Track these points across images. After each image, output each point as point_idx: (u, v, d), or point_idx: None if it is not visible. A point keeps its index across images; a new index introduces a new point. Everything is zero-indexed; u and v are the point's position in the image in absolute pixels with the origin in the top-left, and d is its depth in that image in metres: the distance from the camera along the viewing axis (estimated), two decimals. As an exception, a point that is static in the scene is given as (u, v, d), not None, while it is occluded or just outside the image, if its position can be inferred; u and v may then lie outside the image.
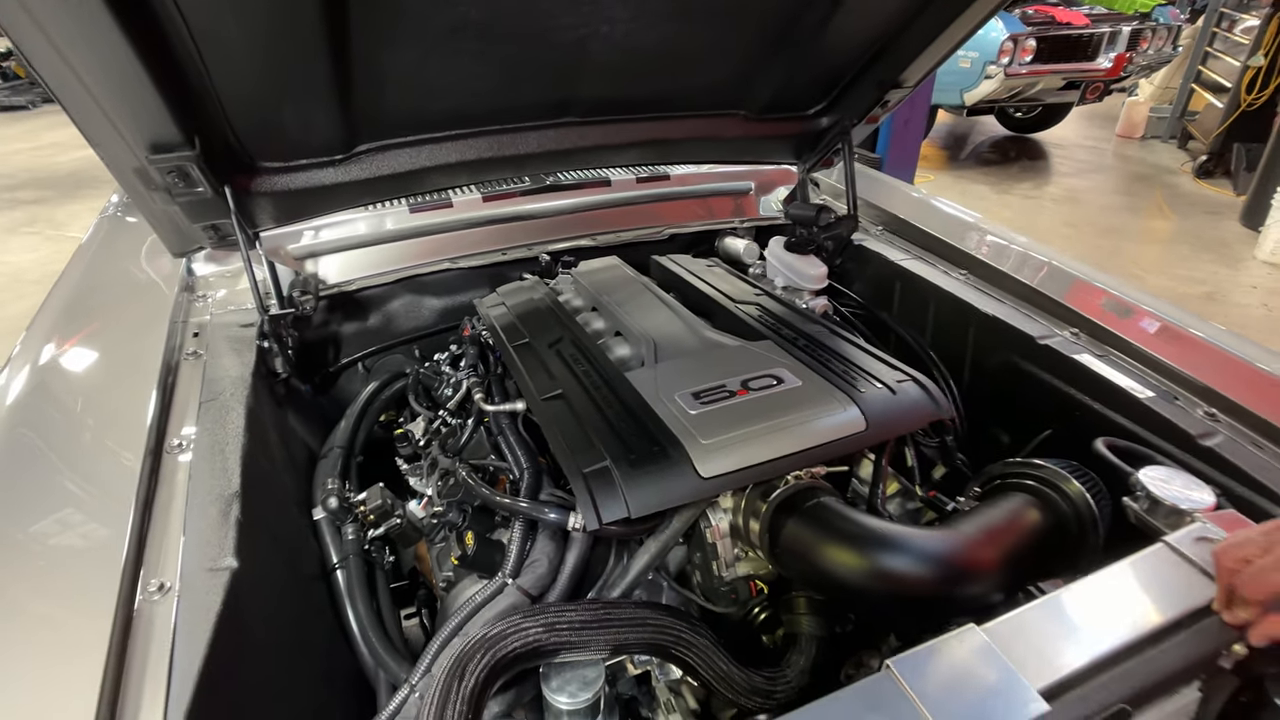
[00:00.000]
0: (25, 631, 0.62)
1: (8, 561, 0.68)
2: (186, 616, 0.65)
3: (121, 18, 0.68)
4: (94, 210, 4.69)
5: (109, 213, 1.48)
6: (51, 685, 0.57)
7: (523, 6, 0.89)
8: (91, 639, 0.61)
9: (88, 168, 5.31)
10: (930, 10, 1.10)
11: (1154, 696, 0.60)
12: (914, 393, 0.87)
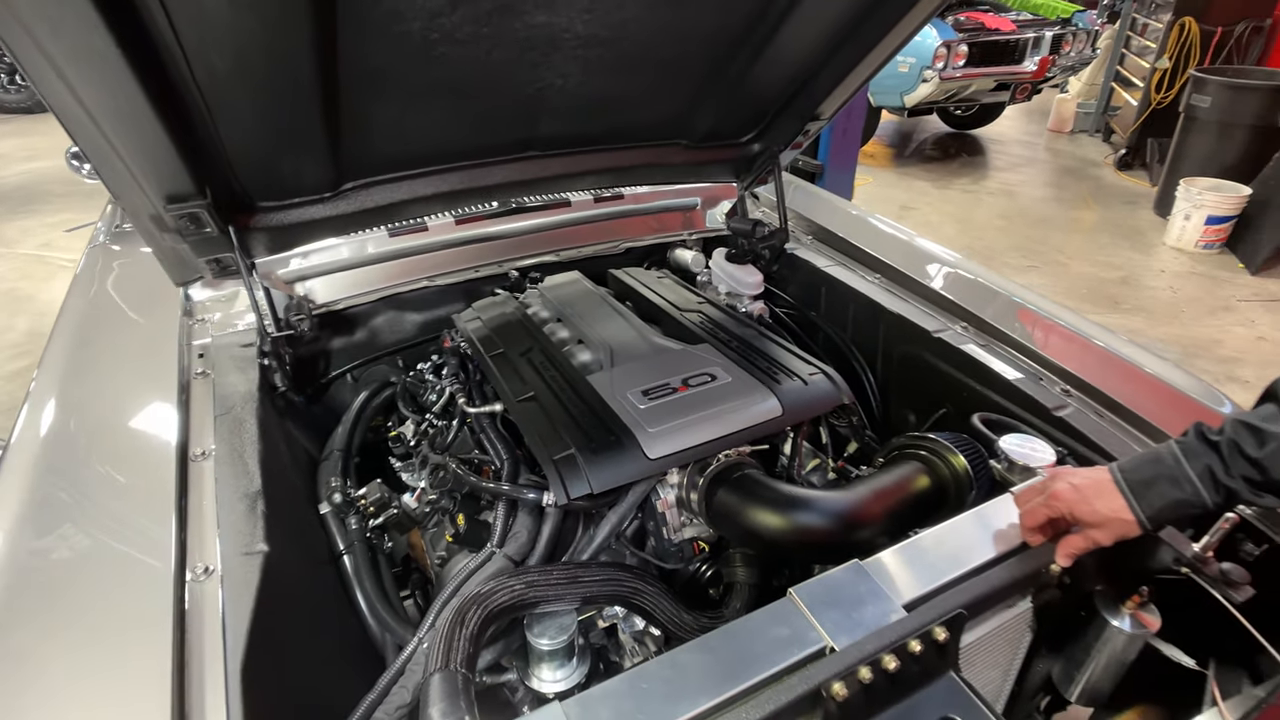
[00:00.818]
0: (104, 610, 0.76)
1: (80, 555, 0.81)
2: (231, 593, 0.80)
3: (145, 84, 0.82)
4: (46, 225, 4.63)
5: (99, 242, 1.58)
6: (132, 647, 0.72)
7: (488, 69, 1.05)
8: (156, 613, 0.75)
9: (36, 181, 5.24)
10: (838, 57, 1.28)
11: (990, 604, 0.79)
12: (823, 383, 1.06)
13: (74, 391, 1.09)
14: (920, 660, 0.73)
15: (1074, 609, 0.96)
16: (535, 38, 1.00)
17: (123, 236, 1.57)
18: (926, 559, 0.82)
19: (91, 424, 1.03)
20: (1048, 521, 0.81)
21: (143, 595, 0.77)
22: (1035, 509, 0.82)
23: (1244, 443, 0.70)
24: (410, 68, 1.00)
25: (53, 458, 0.95)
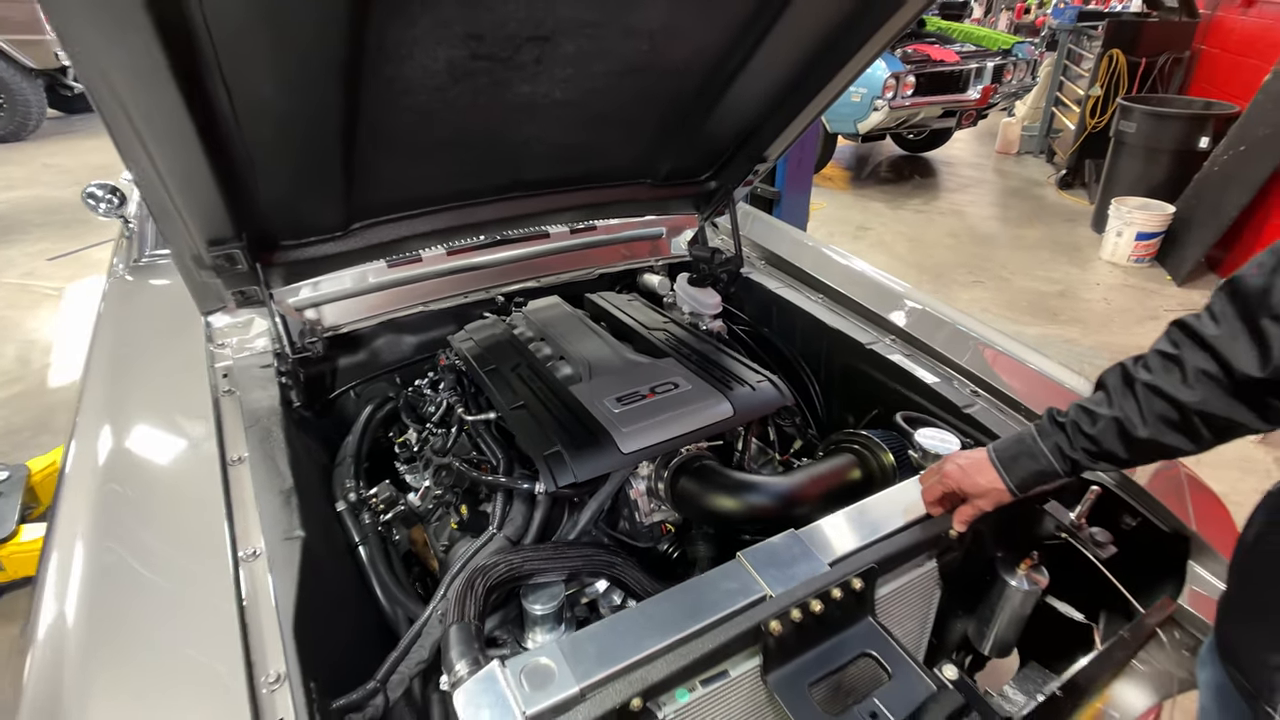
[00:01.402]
0: (181, 579, 0.91)
1: (155, 541, 0.97)
2: (277, 570, 0.95)
3: (207, 149, 0.98)
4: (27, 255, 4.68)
5: (119, 275, 1.72)
6: (206, 610, 0.88)
7: (480, 128, 1.24)
8: (221, 584, 0.91)
9: (14, 211, 5.28)
10: (779, 112, 1.49)
11: (900, 561, 0.99)
12: (768, 389, 1.26)
13: (120, 410, 1.23)
14: (842, 606, 0.91)
15: (980, 574, 1.17)
16: (520, 103, 1.19)
17: (139, 270, 1.71)
18: (849, 527, 1.01)
19: (141, 437, 1.17)
20: (943, 495, 1.01)
21: (208, 572, 0.92)
22: (932, 486, 1.02)
23: (1082, 423, 0.90)
24: (416, 128, 1.18)
25: (113, 467, 1.10)
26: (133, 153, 0.90)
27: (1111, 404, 0.86)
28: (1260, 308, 0.73)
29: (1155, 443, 0.83)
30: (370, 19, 0.88)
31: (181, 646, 0.83)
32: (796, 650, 0.89)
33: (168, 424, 1.20)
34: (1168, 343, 0.82)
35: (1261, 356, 0.73)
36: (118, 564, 0.93)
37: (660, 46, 1.17)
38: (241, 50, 0.83)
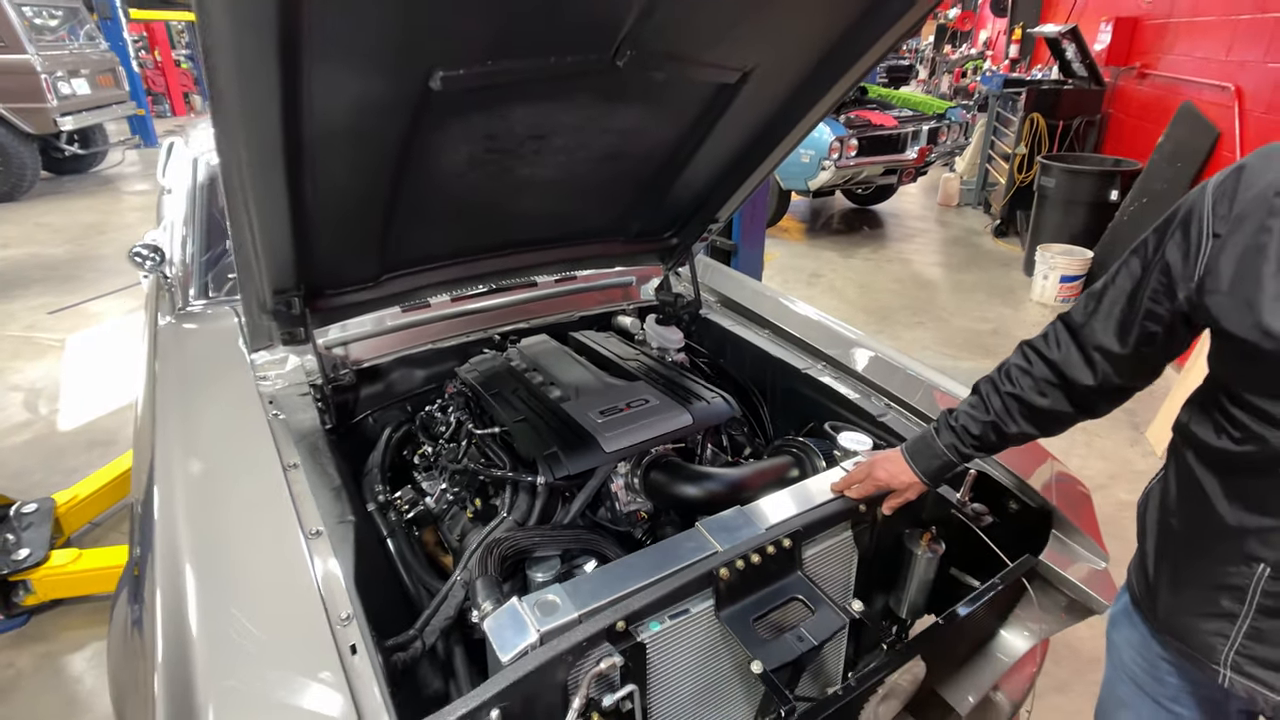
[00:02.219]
0: (266, 549, 1.17)
1: (240, 523, 1.22)
2: (336, 543, 1.21)
3: (294, 215, 1.27)
4: (29, 309, 4.88)
5: (166, 323, 1.98)
6: (290, 569, 1.13)
7: (487, 200, 1.56)
8: (296, 552, 1.16)
9: (12, 268, 5.45)
10: (727, 183, 1.84)
11: (820, 528, 1.28)
12: (721, 404, 1.58)
13: (195, 430, 1.48)
14: (776, 560, 1.20)
15: (892, 552, 1.47)
16: (519, 181, 1.52)
17: (184, 317, 1.98)
18: (782, 504, 1.30)
19: (216, 449, 1.43)
20: (874, 491, 1.30)
21: (286, 544, 1.18)
22: (866, 485, 1.30)
23: (969, 425, 1.18)
24: (438, 202, 1.49)
25: (197, 470, 1.35)
26: (238, 220, 1.19)
27: (988, 410, 1.15)
28: (1085, 339, 1.04)
29: (1021, 435, 1.14)
30: (420, 131, 1.20)
31: (273, 596, 1.09)
32: (742, 594, 1.18)
33: (235, 439, 1.46)
34: (1023, 359, 1.11)
35: (1092, 374, 1.02)
36: (215, 537, 1.19)
37: (630, 140, 1.51)
38: (331, 150, 1.14)
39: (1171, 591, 1.00)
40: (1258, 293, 0.76)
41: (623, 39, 1.15)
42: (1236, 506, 0.86)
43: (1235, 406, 0.85)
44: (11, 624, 2.15)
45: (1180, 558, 0.99)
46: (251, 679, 0.97)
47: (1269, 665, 0.87)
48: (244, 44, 0.84)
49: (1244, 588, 0.87)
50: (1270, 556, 0.83)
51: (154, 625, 1.05)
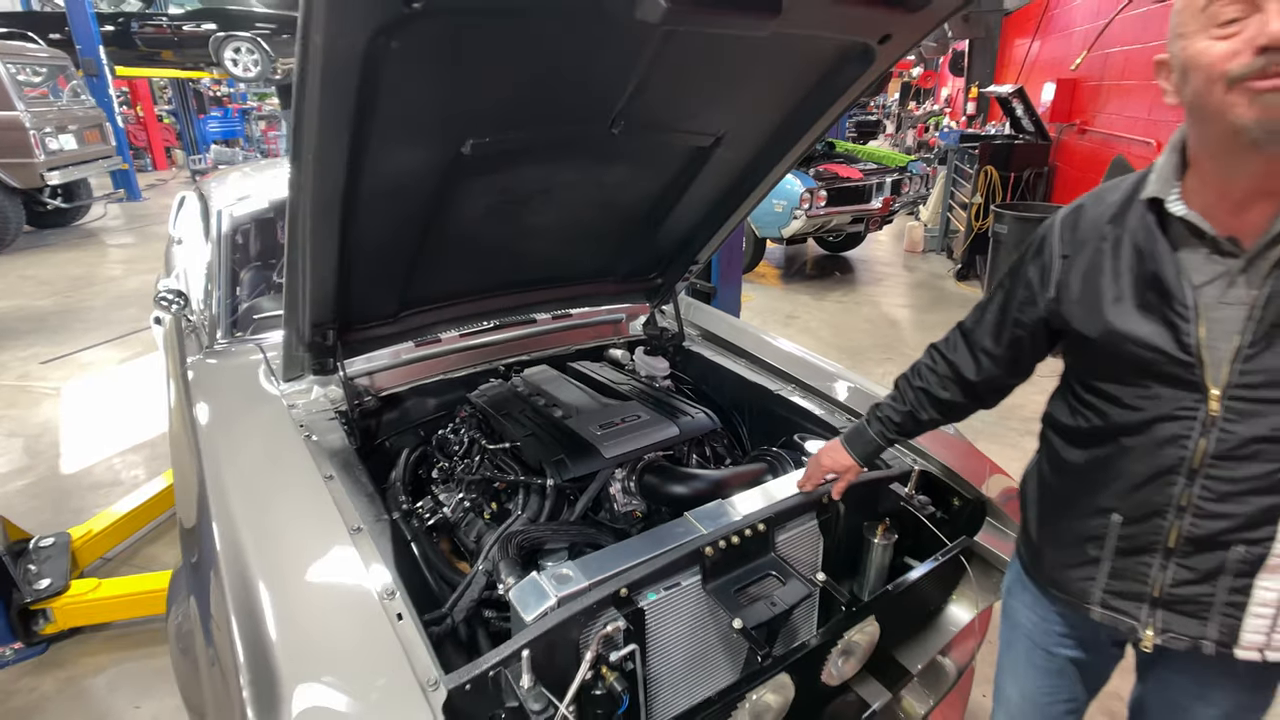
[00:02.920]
0: (318, 540, 1.35)
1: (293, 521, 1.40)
2: (375, 537, 1.40)
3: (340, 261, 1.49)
4: (19, 359, 5.02)
5: (196, 359, 2.17)
6: (339, 556, 1.31)
7: (496, 245, 1.80)
8: (343, 542, 1.35)
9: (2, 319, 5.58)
10: (703, 231, 2.11)
11: (789, 517, 1.49)
12: (703, 419, 1.81)
13: (241, 451, 1.67)
14: (753, 542, 1.41)
15: (853, 545, 1.68)
16: (525, 229, 1.77)
17: (213, 355, 2.17)
18: (757, 498, 1.52)
19: (263, 465, 1.61)
20: (823, 477, 1.52)
21: (333, 536, 1.37)
22: (814, 473, 1.53)
23: (891, 415, 1.43)
24: (455, 247, 1.73)
25: (248, 483, 1.53)
26: (295, 259, 1.41)
27: (904, 402, 1.40)
28: (973, 342, 1.31)
29: (931, 421, 1.38)
30: (448, 186, 1.45)
31: (328, 580, 1.28)
32: (724, 570, 1.38)
33: (276, 456, 1.65)
34: (929, 359, 1.37)
35: (978, 370, 1.28)
36: (271, 538, 1.37)
37: (620, 193, 1.78)
38: (377, 202, 1.37)
39: (1051, 551, 1.18)
40: (1099, 299, 1.01)
41: (618, 113, 1.42)
42: (1091, 471, 1.08)
43: (1086, 393, 1.08)
44: (32, 652, 2.26)
45: (1054, 521, 1.17)
46: (320, 647, 1.15)
47: (1127, 597, 1.08)
48: (327, 119, 1.08)
49: (1103, 536, 1.08)
50: (1120, 507, 1.05)
51: (227, 615, 1.21)
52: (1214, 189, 0.92)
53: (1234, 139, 0.84)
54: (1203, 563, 1.00)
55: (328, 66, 0.96)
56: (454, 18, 1.01)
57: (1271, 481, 0.93)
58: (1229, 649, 1.02)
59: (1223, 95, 0.82)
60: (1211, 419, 0.94)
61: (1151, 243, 0.97)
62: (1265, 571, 0.97)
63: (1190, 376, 0.95)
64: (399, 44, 1.00)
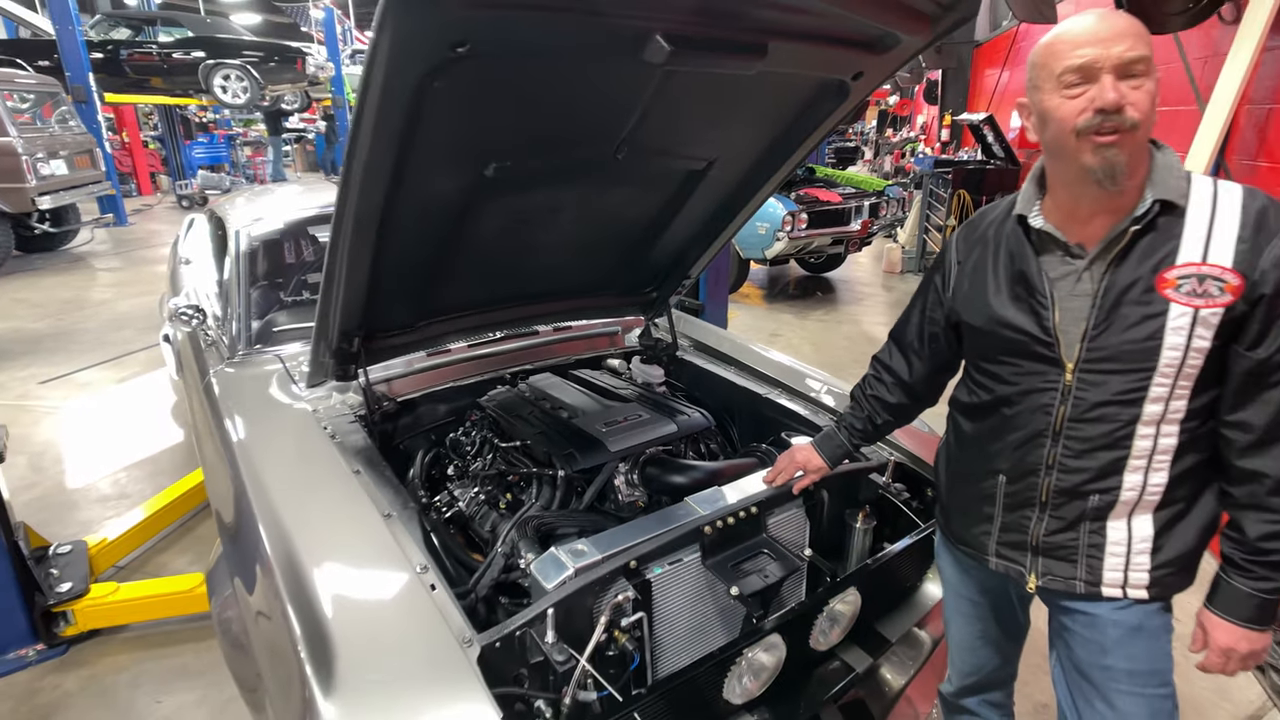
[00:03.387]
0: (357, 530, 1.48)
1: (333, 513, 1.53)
2: (405, 523, 1.53)
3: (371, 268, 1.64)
4: (18, 380, 5.11)
5: (219, 369, 2.30)
6: (375, 540, 1.45)
7: (508, 261, 1.96)
8: (378, 527, 1.48)
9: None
10: (696, 245, 2.29)
11: (777, 503, 1.65)
12: (699, 417, 1.97)
13: (275, 451, 1.80)
14: (746, 523, 1.57)
15: (837, 531, 1.84)
16: (533, 245, 1.93)
17: (235, 365, 2.30)
18: (749, 485, 1.68)
19: (294, 464, 1.75)
20: (794, 471, 1.67)
21: (368, 522, 1.50)
22: (788, 468, 1.66)
23: (855, 422, 1.60)
24: (470, 260, 1.88)
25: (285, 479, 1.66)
26: (333, 271, 1.56)
27: (862, 410, 1.56)
28: (903, 346, 1.48)
29: (887, 425, 1.56)
30: (470, 205, 1.61)
31: (367, 560, 1.41)
32: (721, 548, 1.53)
33: (307, 453, 1.79)
34: (874, 369, 1.54)
35: (909, 370, 1.46)
36: (311, 525, 1.50)
37: (621, 212, 1.95)
38: (408, 219, 1.52)
39: (957, 513, 1.38)
40: (984, 293, 1.22)
41: (622, 140, 1.59)
42: (982, 440, 1.28)
43: (977, 374, 1.29)
44: (53, 653, 2.34)
45: (958, 487, 1.37)
46: (366, 616, 1.28)
47: (1015, 546, 1.27)
48: (377, 143, 1.24)
49: (994, 495, 1.27)
50: (1004, 468, 1.24)
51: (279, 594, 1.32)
52: (1065, 208, 1.14)
53: (1082, 175, 1.06)
54: (1068, 512, 1.20)
55: (384, 99, 1.13)
56: (488, 60, 1.18)
57: (1114, 439, 1.13)
58: (1097, 588, 1.20)
59: (1074, 143, 1.05)
60: (1068, 388, 1.15)
61: (1020, 248, 1.18)
62: (1114, 517, 1.17)
63: (1051, 354, 1.16)
64: (441, 83, 1.17)
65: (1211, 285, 1.04)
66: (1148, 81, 1.03)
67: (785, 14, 1.25)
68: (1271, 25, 2.77)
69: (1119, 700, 1.24)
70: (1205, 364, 1.08)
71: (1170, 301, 1.06)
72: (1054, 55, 1.05)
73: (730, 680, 1.37)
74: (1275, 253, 1.03)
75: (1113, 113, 1.01)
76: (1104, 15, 1.05)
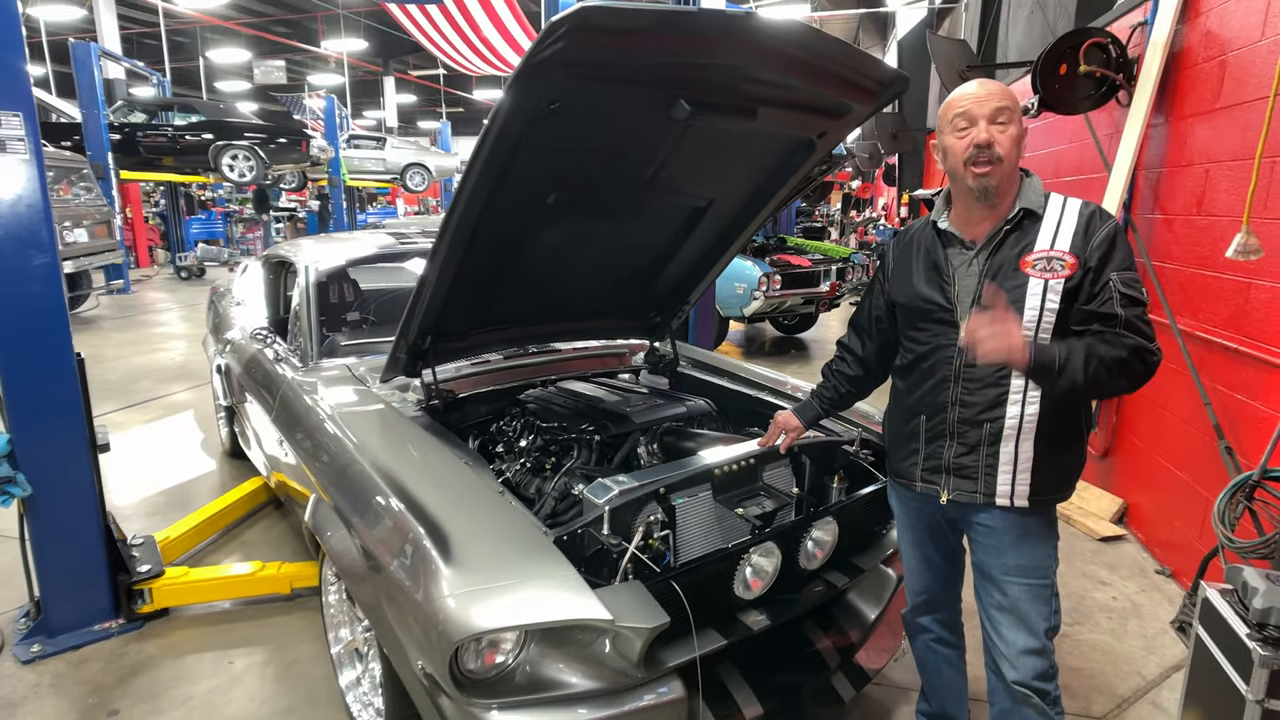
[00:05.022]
0: (449, 470, 1.89)
1: (433, 463, 1.94)
2: (480, 469, 1.95)
3: (451, 284, 2.11)
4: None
5: (297, 376, 2.71)
6: (462, 476, 1.86)
7: (543, 282, 2.44)
8: (464, 471, 1.90)
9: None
10: (694, 275, 2.80)
11: (768, 459, 2.08)
12: (703, 404, 2.43)
13: (368, 430, 2.21)
14: (746, 471, 2.00)
15: (819, 490, 2.27)
16: (563, 270, 2.41)
17: (311, 371, 2.72)
18: (746, 445, 2.12)
19: (390, 435, 2.16)
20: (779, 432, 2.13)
21: (453, 464, 1.91)
22: (774, 430, 2.12)
23: (825, 392, 2.06)
24: (516, 280, 2.35)
25: (386, 446, 2.07)
26: (425, 280, 2.01)
27: (829, 384, 2.02)
28: (860, 329, 1.96)
29: (850, 395, 2.01)
30: (528, 231, 2.10)
31: (460, 484, 1.82)
32: (728, 488, 1.96)
33: (394, 425, 2.20)
34: (839, 350, 2.01)
35: (862, 348, 1.92)
36: (419, 465, 1.91)
37: (635, 243, 2.46)
38: (484, 240, 2.01)
39: (895, 452, 1.77)
40: (910, 278, 1.69)
41: (646, 180, 2.12)
42: (910, 391, 1.68)
43: (905, 340, 1.70)
44: (131, 627, 2.62)
45: (896, 432, 1.76)
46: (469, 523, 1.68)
47: (934, 470, 1.68)
48: (484, 173, 1.73)
49: (918, 433, 1.70)
50: (924, 409, 1.67)
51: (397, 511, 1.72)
52: (962, 216, 1.62)
53: (968, 192, 1.54)
54: (969, 439, 1.62)
55: (498, 139, 1.63)
56: (566, 115, 1.70)
57: (995, 378, 1.55)
58: (991, 499, 1.62)
59: (962, 169, 1.52)
60: None
61: (933, 244, 1.67)
62: (1004, 442, 1.57)
63: (951, 318, 1.60)
64: (533, 131, 1.69)
65: (1056, 264, 1.54)
66: (1011, 127, 1.52)
67: (769, 87, 1.80)
68: (1153, 108, 3.46)
69: (1010, 589, 1.64)
70: (1056, 320, 1.54)
71: (1029, 276, 1.55)
72: (949, 108, 1.57)
73: (738, 576, 1.78)
74: (1095, 242, 1.53)
75: (985, 147, 1.51)
76: (982, 82, 1.57)
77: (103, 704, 2.23)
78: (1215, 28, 3.06)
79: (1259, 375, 2.62)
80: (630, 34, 1.48)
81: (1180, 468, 3.15)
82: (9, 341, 2.38)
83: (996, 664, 1.68)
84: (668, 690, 1.57)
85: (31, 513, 2.45)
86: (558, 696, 1.50)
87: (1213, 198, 2.98)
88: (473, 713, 1.46)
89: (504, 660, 1.50)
